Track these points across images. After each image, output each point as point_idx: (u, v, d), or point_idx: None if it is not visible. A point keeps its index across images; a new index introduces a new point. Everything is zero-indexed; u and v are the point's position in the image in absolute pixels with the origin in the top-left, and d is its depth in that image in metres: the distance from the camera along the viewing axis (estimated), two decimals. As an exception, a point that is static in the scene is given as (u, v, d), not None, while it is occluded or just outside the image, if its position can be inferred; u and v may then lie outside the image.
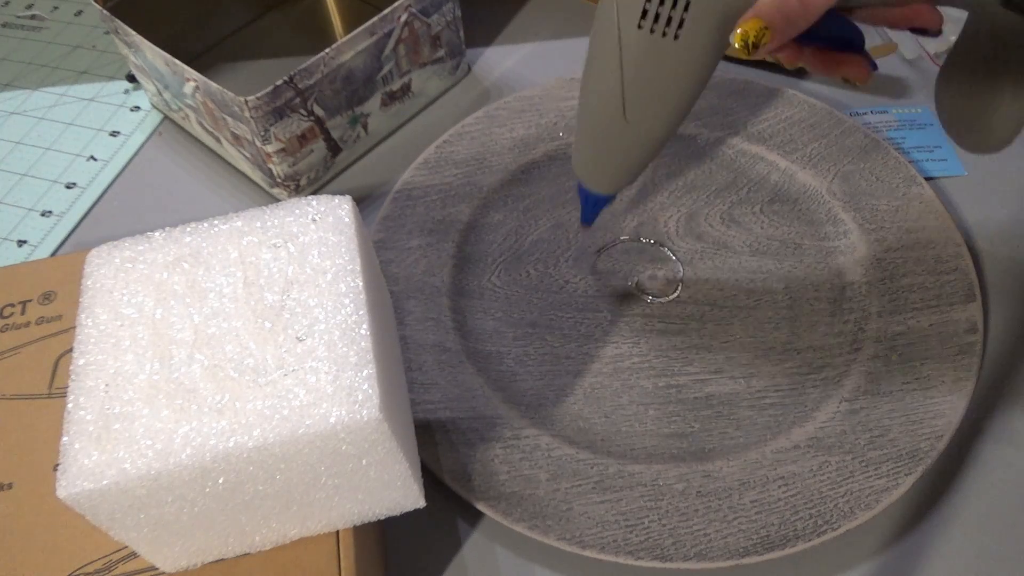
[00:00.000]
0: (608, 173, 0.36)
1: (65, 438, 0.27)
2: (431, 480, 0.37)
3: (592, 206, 0.38)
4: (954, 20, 0.31)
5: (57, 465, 0.30)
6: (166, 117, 0.58)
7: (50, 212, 0.53)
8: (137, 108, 0.59)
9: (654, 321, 0.44)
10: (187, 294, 0.30)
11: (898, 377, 0.40)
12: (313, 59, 0.47)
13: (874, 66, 0.32)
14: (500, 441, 0.40)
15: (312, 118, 0.49)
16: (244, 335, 0.29)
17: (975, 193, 0.49)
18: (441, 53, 0.55)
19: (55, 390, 0.37)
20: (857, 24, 0.31)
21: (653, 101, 0.32)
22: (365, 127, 0.53)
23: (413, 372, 0.42)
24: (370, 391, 0.27)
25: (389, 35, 0.50)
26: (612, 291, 0.46)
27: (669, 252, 0.47)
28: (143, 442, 0.27)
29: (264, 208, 0.33)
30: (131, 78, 0.60)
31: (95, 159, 0.56)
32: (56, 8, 0.67)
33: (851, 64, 0.32)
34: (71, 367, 0.29)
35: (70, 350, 0.38)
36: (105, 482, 0.26)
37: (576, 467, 0.39)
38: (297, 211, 0.32)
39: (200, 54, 0.60)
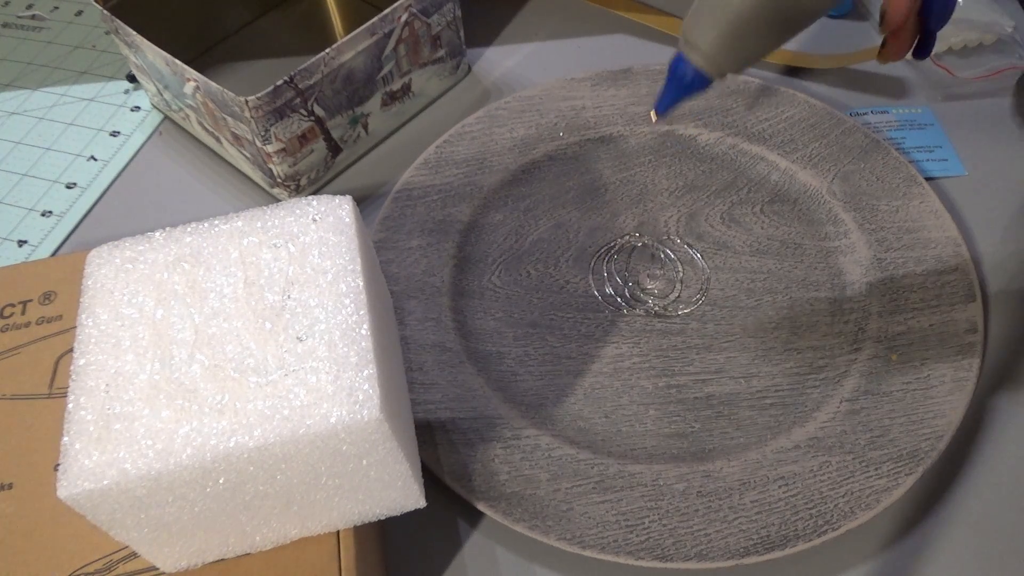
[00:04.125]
0: (735, 48, 0.31)
1: (65, 438, 0.27)
2: (431, 480, 0.37)
3: (684, 89, 0.32)
4: (952, 21, 0.31)
5: (57, 465, 0.30)
6: (166, 117, 0.58)
7: (50, 212, 0.53)
8: (137, 108, 0.59)
9: (654, 321, 0.44)
10: (187, 294, 0.30)
11: (898, 377, 0.40)
12: (313, 59, 0.47)
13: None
14: (500, 441, 0.40)
15: (312, 118, 0.49)
16: (245, 335, 0.29)
17: (975, 193, 0.49)
18: (441, 53, 0.55)
19: (55, 390, 0.37)
20: None
21: None
22: (365, 127, 0.53)
23: (413, 372, 0.42)
24: (370, 391, 0.27)
25: (389, 35, 0.50)
26: (612, 291, 0.46)
27: (669, 252, 0.47)
28: (144, 442, 0.27)
29: (264, 208, 0.33)
30: (131, 78, 0.60)
31: (95, 159, 0.56)
32: (56, 8, 0.67)
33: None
34: (71, 367, 0.29)
35: (70, 350, 0.38)
36: (105, 482, 0.26)
37: (576, 467, 0.39)
38: (297, 211, 0.32)
39: (200, 54, 0.60)
